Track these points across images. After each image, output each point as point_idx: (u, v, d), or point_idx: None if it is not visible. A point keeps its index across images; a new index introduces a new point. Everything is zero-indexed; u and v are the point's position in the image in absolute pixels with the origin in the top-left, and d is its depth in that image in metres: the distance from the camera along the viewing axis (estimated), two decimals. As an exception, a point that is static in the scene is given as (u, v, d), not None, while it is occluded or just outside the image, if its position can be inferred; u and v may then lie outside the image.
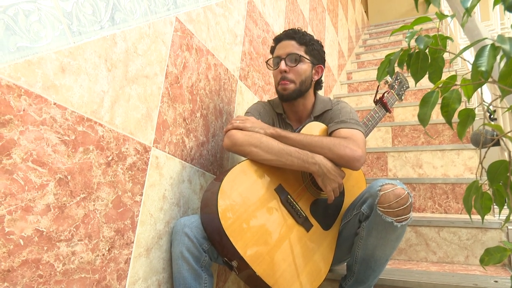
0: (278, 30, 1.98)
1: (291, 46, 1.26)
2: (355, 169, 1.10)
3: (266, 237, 1.03)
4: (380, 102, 1.37)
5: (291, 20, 2.23)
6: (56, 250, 0.73)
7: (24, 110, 0.67)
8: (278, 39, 1.31)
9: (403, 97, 1.48)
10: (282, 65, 1.24)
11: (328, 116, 1.27)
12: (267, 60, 1.33)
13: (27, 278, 0.67)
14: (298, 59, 1.24)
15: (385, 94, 1.39)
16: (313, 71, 1.29)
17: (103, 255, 0.83)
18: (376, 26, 5.90)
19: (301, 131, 1.19)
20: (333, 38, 3.47)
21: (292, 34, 1.28)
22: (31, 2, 0.70)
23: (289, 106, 1.31)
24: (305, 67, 1.26)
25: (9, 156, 0.65)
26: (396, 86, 1.45)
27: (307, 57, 1.27)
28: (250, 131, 1.13)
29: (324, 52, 1.35)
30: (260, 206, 1.05)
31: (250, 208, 1.03)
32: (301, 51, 1.26)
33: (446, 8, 3.72)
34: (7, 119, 0.65)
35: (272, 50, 1.34)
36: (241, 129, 1.14)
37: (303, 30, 1.30)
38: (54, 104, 0.73)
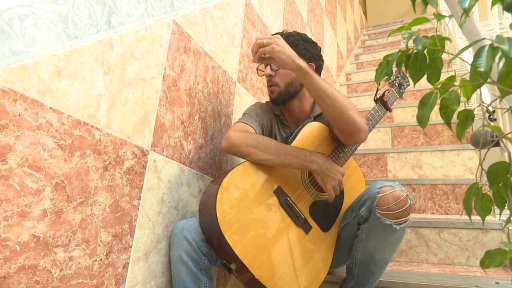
0: (276, 31, 1.97)
1: None
2: (358, 141, 1.11)
3: (265, 239, 1.02)
4: (381, 101, 1.36)
5: (289, 22, 2.22)
6: (53, 255, 0.72)
7: (19, 115, 0.67)
8: None
9: (403, 95, 1.48)
10: (267, 70, 1.26)
11: None
12: (258, 66, 1.34)
13: (24, 285, 0.66)
14: None
15: (386, 93, 1.38)
16: None
17: (101, 260, 0.83)
18: (374, 27, 5.90)
19: (301, 131, 1.19)
20: (331, 39, 3.47)
21: None
22: (27, 6, 0.69)
23: (285, 109, 1.31)
24: None
25: (4, 161, 0.64)
26: (396, 84, 1.44)
27: None
28: (277, 56, 1.03)
29: (318, 49, 1.32)
30: (259, 208, 1.05)
31: (249, 211, 1.02)
32: None
33: (444, 9, 3.73)
34: (3, 124, 0.64)
35: None
36: (268, 52, 1.04)
37: (290, 32, 1.28)
38: (50, 108, 0.72)
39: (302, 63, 1.04)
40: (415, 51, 0.59)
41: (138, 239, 0.94)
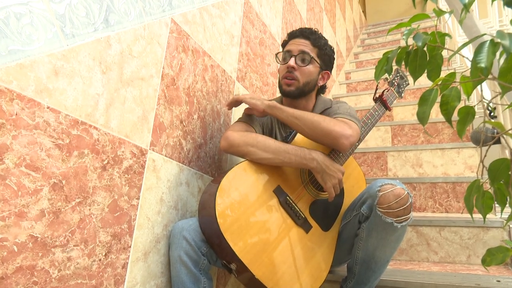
0: (276, 30, 1.97)
1: (305, 46, 1.25)
2: (342, 148, 1.08)
3: (265, 239, 1.01)
4: (380, 100, 1.36)
5: (288, 21, 2.22)
6: (51, 256, 0.71)
7: (16, 114, 0.66)
8: (292, 35, 1.30)
9: (403, 94, 1.47)
10: (291, 62, 1.23)
11: (327, 114, 1.26)
12: (277, 53, 1.31)
13: (22, 285, 0.66)
14: (308, 60, 1.24)
15: (385, 92, 1.38)
16: (320, 76, 1.28)
17: (100, 260, 0.82)
18: (374, 25, 5.89)
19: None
20: (331, 38, 3.46)
21: (308, 34, 1.26)
22: (23, 4, 0.69)
23: (290, 106, 1.30)
24: (313, 69, 1.25)
25: (1, 161, 0.64)
26: (395, 83, 1.43)
27: (318, 60, 1.25)
28: (249, 101, 1.18)
29: (334, 59, 1.33)
30: (258, 208, 1.04)
31: (248, 210, 1.02)
32: (313, 52, 1.25)
33: (444, 7, 3.72)
34: (-1, 124, 0.64)
35: (284, 44, 1.32)
36: (241, 100, 1.21)
37: (319, 32, 1.28)
38: (48, 107, 0.72)
39: (270, 102, 1.17)
40: (415, 48, 0.58)
41: (137, 239, 0.93)
